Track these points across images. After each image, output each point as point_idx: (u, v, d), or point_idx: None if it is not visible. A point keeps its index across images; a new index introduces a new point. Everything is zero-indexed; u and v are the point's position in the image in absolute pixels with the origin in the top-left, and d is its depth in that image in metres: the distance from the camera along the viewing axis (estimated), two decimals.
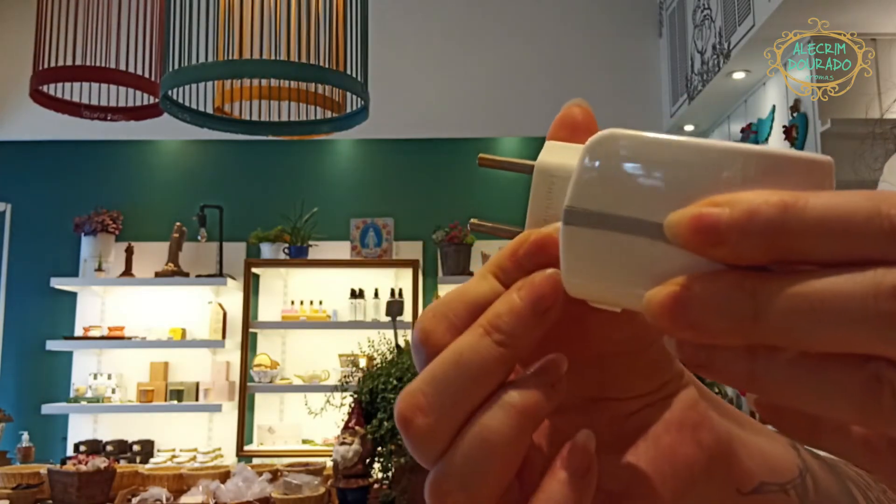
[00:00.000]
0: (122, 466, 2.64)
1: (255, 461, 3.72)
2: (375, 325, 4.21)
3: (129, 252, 4.47)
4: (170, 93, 2.26)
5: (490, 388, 0.25)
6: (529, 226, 0.28)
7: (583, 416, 0.30)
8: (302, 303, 4.46)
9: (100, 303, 4.58)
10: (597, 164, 0.25)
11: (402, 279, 4.51)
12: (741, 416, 0.35)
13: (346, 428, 2.24)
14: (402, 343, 3.08)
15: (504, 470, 0.24)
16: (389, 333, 3.58)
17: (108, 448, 4.11)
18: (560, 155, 0.28)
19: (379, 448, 2.19)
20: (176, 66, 2.13)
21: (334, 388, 2.80)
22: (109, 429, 4.43)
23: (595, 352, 0.30)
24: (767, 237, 0.21)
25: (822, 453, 0.43)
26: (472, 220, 0.33)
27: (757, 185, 0.22)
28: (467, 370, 0.24)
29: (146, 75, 2.70)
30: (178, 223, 4.47)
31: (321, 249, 4.49)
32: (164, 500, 2.26)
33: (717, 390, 4.21)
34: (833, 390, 0.20)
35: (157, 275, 4.41)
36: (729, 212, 0.21)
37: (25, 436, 3.64)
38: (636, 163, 0.24)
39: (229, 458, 4.24)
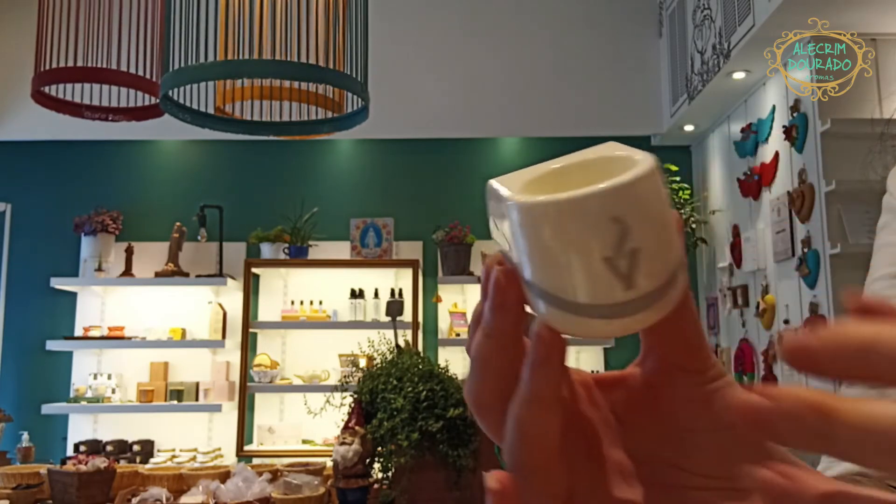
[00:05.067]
0: (122, 466, 2.64)
1: (255, 461, 3.72)
2: (375, 325, 4.21)
3: (129, 252, 4.47)
4: (170, 93, 2.26)
5: (495, 370, 0.30)
6: None
7: (654, 488, 0.32)
8: (302, 303, 4.46)
9: (100, 303, 4.58)
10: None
11: (402, 279, 4.51)
12: None
13: (346, 428, 2.24)
14: (401, 343, 3.09)
15: (537, 438, 0.29)
16: (389, 333, 3.58)
17: (108, 448, 4.11)
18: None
19: (379, 448, 2.19)
20: (176, 66, 2.13)
21: (334, 388, 2.80)
22: (109, 429, 4.43)
23: (672, 427, 0.32)
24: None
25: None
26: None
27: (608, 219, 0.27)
28: (475, 361, 0.31)
29: (146, 75, 2.70)
30: (178, 223, 4.47)
31: (321, 249, 4.49)
32: (164, 500, 2.26)
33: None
34: None
35: (157, 275, 4.41)
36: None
37: (25, 436, 3.64)
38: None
39: (229, 458, 4.25)
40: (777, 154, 3.61)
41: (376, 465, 2.23)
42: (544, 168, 0.32)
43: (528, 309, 0.30)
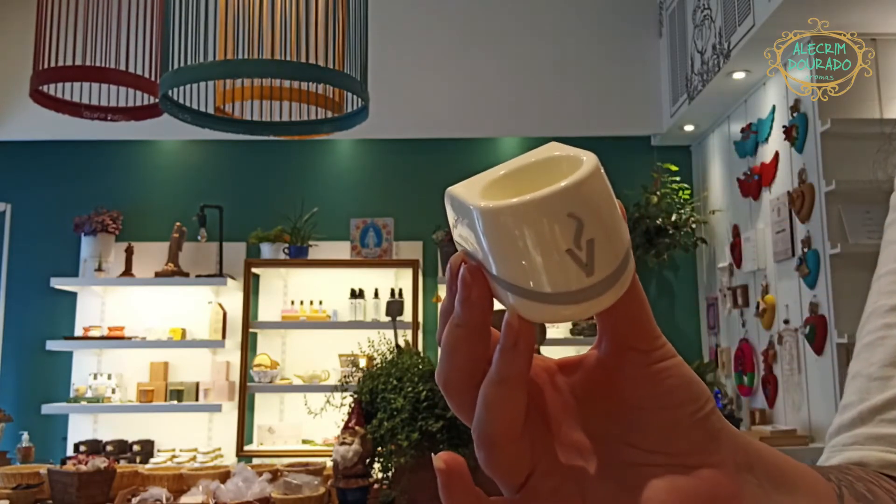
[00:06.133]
0: (122, 466, 2.64)
1: (255, 461, 3.72)
2: (375, 325, 4.21)
3: (129, 252, 4.47)
4: (170, 93, 2.26)
5: (464, 356, 0.33)
6: None
7: (603, 465, 0.34)
8: (302, 303, 4.46)
9: (100, 303, 4.58)
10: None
11: (402, 279, 4.51)
12: (794, 475, 0.37)
13: (346, 428, 2.24)
14: (401, 343, 3.09)
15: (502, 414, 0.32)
16: (389, 333, 3.58)
17: (108, 448, 4.11)
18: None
19: (379, 448, 2.19)
20: (176, 66, 2.13)
21: (334, 388, 2.80)
22: (109, 429, 4.43)
23: (623, 405, 0.34)
24: None
25: (862, 477, 0.44)
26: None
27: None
28: (445, 348, 0.33)
29: (146, 75, 2.70)
30: (178, 223, 4.47)
31: (321, 249, 4.49)
32: (164, 500, 2.26)
33: (715, 390, 4.20)
34: None
35: (157, 275, 4.41)
36: None
37: (25, 436, 3.64)
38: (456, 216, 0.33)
39: (229, 458, 4.25)
40: (777, 154, 3.61)
41: (376, 465, 2.23)
42: (495, 174, 0.34)
43: (495, 302, 0.32)
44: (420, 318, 4.35)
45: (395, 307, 4.19)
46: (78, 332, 4.50)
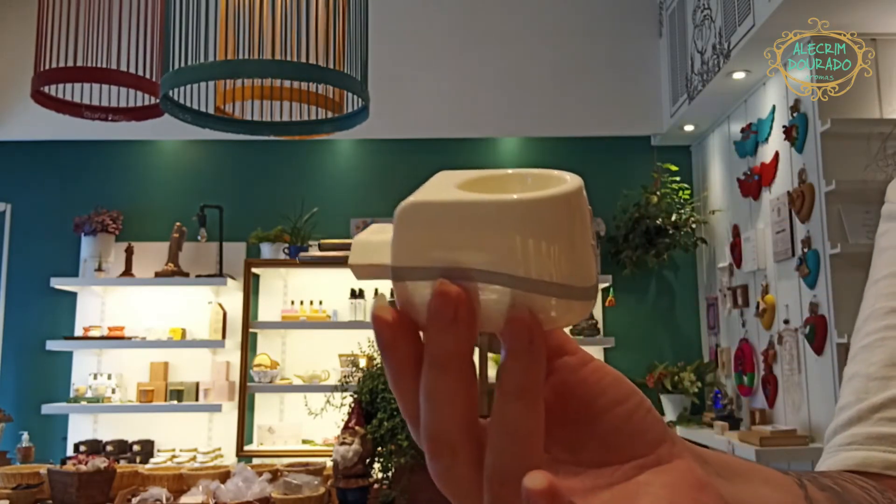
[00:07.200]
0: (122, 466, 2.64)
1: (255, 461, 3.72)
2: None
3: (129, 252, 4.47)
4: (170, 93, 2.26)
5: (462, 402, 0.29)
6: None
7: (585, 482, 0.32)
8: (302, 303, 4.46)
9: (100, 303, 4.58)
10: (406, 230, 0.30)
11: None
12: (745, 467, 0.37)
13: (346, 428, 2.24)
14: None
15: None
16: None
17: (108, 448, 4.11)
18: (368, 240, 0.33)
19: (379, 448, 2.19)
20: (176, 66, 2.13)
21: (334, 388, 2.80)
22: (109, 429, 4.43)
23: (572, 423, 0.32)
24: None
25: (829, 474, 0.44)
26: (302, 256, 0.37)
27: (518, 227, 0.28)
28: (432, 397, 0.30)
29: (146, 75, 2.70)
30: (178, 223, 4.47)
31: None
32: (164, 500, 2.26)
33: (716, 390, 4.20)
34: None
35: (157, 275, 4.41)
36: None
37: (25, 436, 3.64)
38: (431, 225, 0.30)
39: (229, 458, 4.25)
40: (777, 154, 3.61)
41: (376, 465, 2.23)
42: (455, 187, 0.32)
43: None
44: None
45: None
46: (78, 332, 4.50)
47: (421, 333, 0.30)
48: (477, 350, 0.31)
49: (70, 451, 4.12)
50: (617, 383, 0.32)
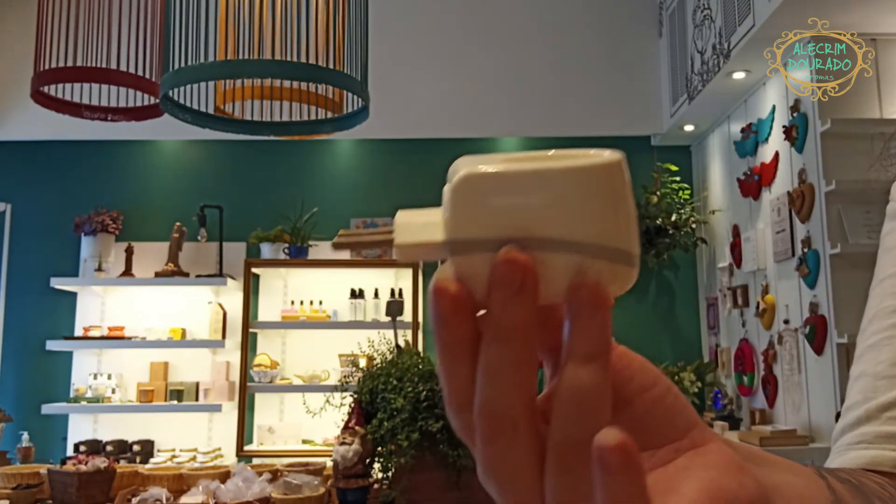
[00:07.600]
0: (122, 466, 2.64)
1: (255, 461, 3.72)
2: (375, 325, 4.21)
3: (129, 252, 4.47)
4: (170, 93, 2.26)
5: (529, 375, 0.29)
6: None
7: None
8: (302, 303, 4.46)
9: (100, 303, 4.58)
10: (464, 201, 0.30)
11: (402, 279, 4.51)
12: (769, 457, 0.37)
13: (346, 428, 2.24)
14: (401, 343, 3.08)
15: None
16: (389, 333, 3.58)
17: (108, 448, 4.11)
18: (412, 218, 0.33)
19: (379, 448, 2.19)
20: (176, 66, 2.13)
21: (334, 388, 2.80)
22: (109, 429, 4.43)
23: (618, 400, 0.31)
24: None
25: (844, 470, 0.45)
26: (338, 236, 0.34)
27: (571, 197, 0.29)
28: (495, 373, 0.29)
29: (146, 75, 2.70)
30: (178, 223, 4.47)
31: (321, 249, 4.49)
32: (164, 500, 2.26)
33: (716, 390, 4.20)
34: None
35: (157, 275, 4.41)
36: None
37: (25, 436, 3.64)
38: (492, 195, 0.29)
39: (229, 458, 4.25)
40: (777, 154, 3.61)
41: (376, 465, 2.23)
42: (498, 163, 0.31)
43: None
44: (420, 318, 4.34)
45: (395, 307, 4.18)
46: (78, 332, 4.50)
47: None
48: None
49: (70, 451, 4.12)
50: (644, 369, 0.32)
